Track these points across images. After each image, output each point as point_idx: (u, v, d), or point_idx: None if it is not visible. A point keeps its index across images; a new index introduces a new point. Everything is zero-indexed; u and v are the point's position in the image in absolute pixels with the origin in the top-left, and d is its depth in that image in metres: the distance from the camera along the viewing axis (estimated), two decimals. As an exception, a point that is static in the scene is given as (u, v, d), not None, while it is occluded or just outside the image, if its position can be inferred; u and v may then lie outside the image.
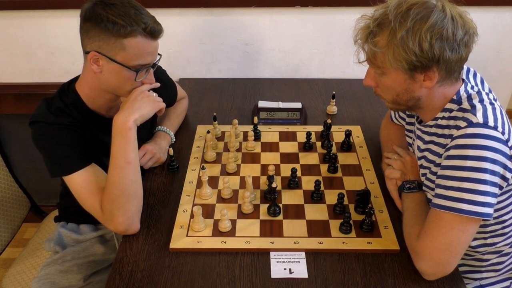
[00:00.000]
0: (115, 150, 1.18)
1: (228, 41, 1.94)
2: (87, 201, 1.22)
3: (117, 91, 1.25)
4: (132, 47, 1.15)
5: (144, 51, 1.17)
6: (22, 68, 1.99)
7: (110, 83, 1.22)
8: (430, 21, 0.97)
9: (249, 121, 1.64)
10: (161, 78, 1.48)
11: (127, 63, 1.17)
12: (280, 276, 1.09)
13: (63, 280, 1.38)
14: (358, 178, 1.39)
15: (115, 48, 1.14)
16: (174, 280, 1.09)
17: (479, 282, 1.28)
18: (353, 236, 1.18)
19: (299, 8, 1.84)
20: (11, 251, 1.81)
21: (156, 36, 1.19)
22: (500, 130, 1.01)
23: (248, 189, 1.28)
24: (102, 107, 1.31)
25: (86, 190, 1.22)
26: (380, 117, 1.64)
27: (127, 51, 1.15)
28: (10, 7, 1.81)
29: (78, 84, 1.28)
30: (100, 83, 1.23)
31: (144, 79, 1.24)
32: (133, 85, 1.23)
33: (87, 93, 1.27)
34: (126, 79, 1.20)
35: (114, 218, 1.18)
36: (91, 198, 1.21)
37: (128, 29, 1.13)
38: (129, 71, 1.18)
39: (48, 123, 1.22)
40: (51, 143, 1.22)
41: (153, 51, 1.21)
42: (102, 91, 1.26)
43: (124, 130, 1.18)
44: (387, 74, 1.08)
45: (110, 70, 1.18)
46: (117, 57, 1.16)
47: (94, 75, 1.21)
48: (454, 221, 1.01)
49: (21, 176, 1.77)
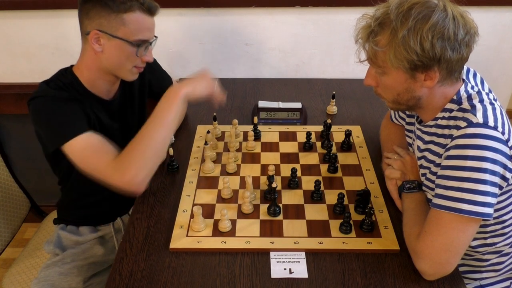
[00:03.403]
0: (156, 110, 1.21)
1: (228, 41, 1.94)
2: (92, 160, 1.18)
3: (118, 70, 1.28)
4: (132, 22, 1.20)
5: (143, 26, 1.23)
6: (22, 68, 1.99)
7: (112, 62, 1.25)
8: (432, 20, 0.97)
9: (249, 121, 1.63)
10: (157, 68, 1.56)
11: (128, 38, 1.22)
12: (280, 276, 1.09)
13: (63, 283, 1.38)
14: (358, 178, 1.38)
15: (115, 24, 1.20)
16: (174, 280, 1.09)
17: (479, 282, 1.28)
18: (353, 236, 1.18)
19: (299, 8, 1.84)
20: (11, 251, 1.80)
21: (153, 12, 1.25)
22: (500, 130, 1.01)
23: (248, 189, 1.28)
24: (101, 90, 1.34)
25: (91, 150, 1.19)
26: (380, 117, 1.64)
27: (127, 26, 1.20)
28: (10, 7, 1.81)
29: (76, 68, 1.32)
30: (101, 63, 1.26)
31: (144, 56, 1.28)
32: (133, 62, 1.27)
33: (86, 75, 1.30)
34: (128, 55, 1.24)
35: (128, 169, 1.15)
36: (97, 155, 1.18)
37: (127, 4, 1.18)
38: (131, 46, 1.23)
39: (48, 96, 1.24)
40: (51, 112, 1.22)
41: (151, 27, 1.27)
42: (102, 73, 1.29)
43: (173, 97, 1.22)
44: (388, 74, 1.08)
45: (111, 47, 1.23)
46: (118, 33, 1.21)
47: (95, 56, 1.25)
48: (454, 221, 1.01)
49: (21, 176, 1.77)
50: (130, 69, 1.29)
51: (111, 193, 1.50)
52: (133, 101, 1.48)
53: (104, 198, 1.49)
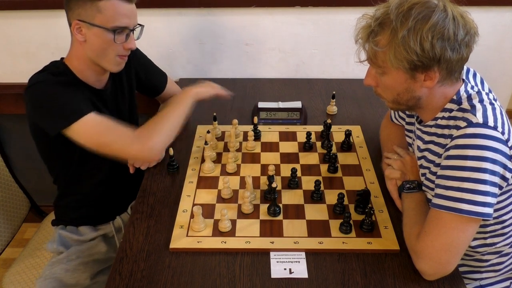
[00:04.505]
0: (171, 101, 1.42)
1: (228, 41, 1.94)
2: (107, 134, 1.26)
3: (102, 60, 1.30)
4: (107, 9, 1.22)
5: (119, 12, 1.24)
6: (22, 68, 1.99)
7: (95, 50, 1.28)
8: (432, 20, 0.97)
9: (249, 121, 1.63)
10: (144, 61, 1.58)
11: (105, 25, 1.24)
12: (280, 276, 1.09)
13: (70, 279, 1.38)
14: (358, 178, 1.38)
15: (92, 12, 1.22)
16: (174, 280, 1.09)
17: (479, 282, 1.28)
18: (353, 236, 1.18)
19: (299, 8, 1.84)
20: (11, 251, 1.80)
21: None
22: (500, 130, 1.01)
23: (248, 189, 1.28)
24: (92, 80, 1.37)
25: (104, 125, 1.26)
26: (380, 117, 1.64)
27: (103, 13, 1.23)
28: (10, 7, 1.81)
29: (67, 59, 1.35)
30: (86, 53, 1.29)
31: (125, 43, 1.29)
32: (116, 51, 1.29)
33: (76, 65, 1.33)
34: (107, 42, 1.26)
35: (150, 138, 1.27)
36: (113, 128, 1.27)
37: None
38: (108, 32, 1.25)
39: (47, 81, 1.27)
40: (53, 95, 1.25)
41: (129, 14, 1.27)
42: (90, 62, 1.32)
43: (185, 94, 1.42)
44: (388, 74, 1.08)
45: (92, 36, 1.25)
46: (95, 20, 1.23)
47: (80, 46, 1.28)
48: (454, 221, 1.01)
49: (21, 176, 1.77)
50: (113, 58, 1.30)
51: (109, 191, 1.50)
52: (123, 91, 1.50)
53: (102, 196, 1.49)
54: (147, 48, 1.93)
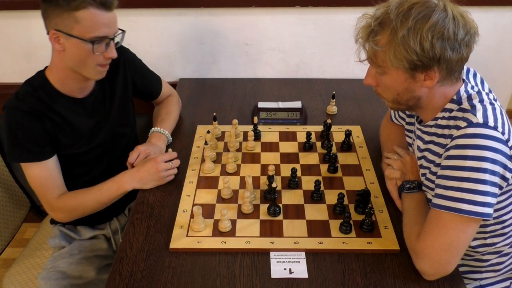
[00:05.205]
0: (105, 186, 1.34)
1: (228, 41, 1.94)
2: (38, 191, 1.34)
3: (82, 69, 1.26)
4: (85, 20, 1.17)
5: (98, 22, 1.19)
6: (22, 68, 1.99)
7: (74, 60, 1.24)
8: (432, 20, 0.97)
9: (249, 121, 1.63)
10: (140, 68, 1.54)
11: (83, 36, 1.19)
12: (280, 276, 1.09)
13: (74, 272, 1.39)
14: (358, 178, 1.38)
15: (69, 23, 1.17)
16: (174, 280, 1.09)
17: (479, 282, 1.28)
18: (353, 236, 1.18)
19: (299, 8, 1.84)
20: (11, 251, 1.80)
21: (109, 7, 1.20)
22: (500, 130, 1.01)
23: (248, 189, 1.28)
24: (73, 89, 1.34)
25: (39, 181, 1.31)
26: (380, 117, 1.64)
27: (81, 24, 1.17)
28: (10, 7, 1.81)
29: (48, 69, 1.33)
30: (65, 62, 1.26)
31: (105, 52, 1.25)
32: (96, 60, 1.25)
33: (57, 75, 1.31)
34: (86, 52, 1.22)
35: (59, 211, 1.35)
36: (43, 189, 1.32)
37: (77, 1, 1.15)
38: (87, 43, 1.20)
39: (10, 107, 1.27)
40: (16, 129, 1.27)
41: (108, 23, 1.22)
42: (70, 72, 1.28)
43: (120, 187, 1.33)
44: (388, 73, 1.08)
45: (70, 46, 1.21)
46: (73, 31, 1.18)
47: (60, 55, 1.25)
48: (454, 221, 1.01)
49: (21, 176, 1.76)
50: (94, 67, 1.26)
51: None
52: (113, 96, 1.45)
53: None
54: (147, 48, 1.94)
